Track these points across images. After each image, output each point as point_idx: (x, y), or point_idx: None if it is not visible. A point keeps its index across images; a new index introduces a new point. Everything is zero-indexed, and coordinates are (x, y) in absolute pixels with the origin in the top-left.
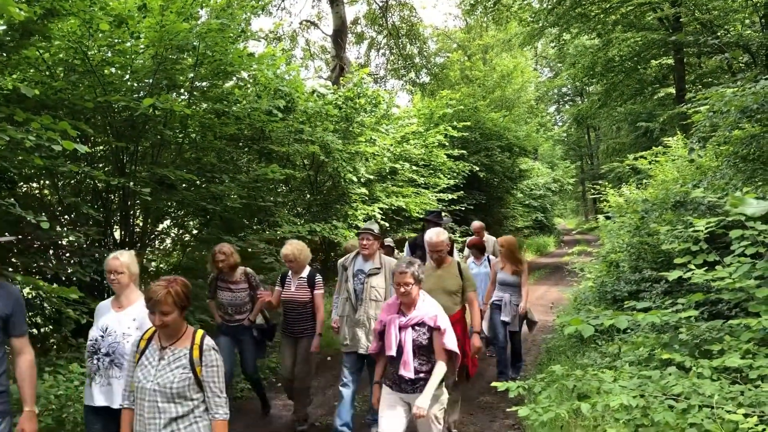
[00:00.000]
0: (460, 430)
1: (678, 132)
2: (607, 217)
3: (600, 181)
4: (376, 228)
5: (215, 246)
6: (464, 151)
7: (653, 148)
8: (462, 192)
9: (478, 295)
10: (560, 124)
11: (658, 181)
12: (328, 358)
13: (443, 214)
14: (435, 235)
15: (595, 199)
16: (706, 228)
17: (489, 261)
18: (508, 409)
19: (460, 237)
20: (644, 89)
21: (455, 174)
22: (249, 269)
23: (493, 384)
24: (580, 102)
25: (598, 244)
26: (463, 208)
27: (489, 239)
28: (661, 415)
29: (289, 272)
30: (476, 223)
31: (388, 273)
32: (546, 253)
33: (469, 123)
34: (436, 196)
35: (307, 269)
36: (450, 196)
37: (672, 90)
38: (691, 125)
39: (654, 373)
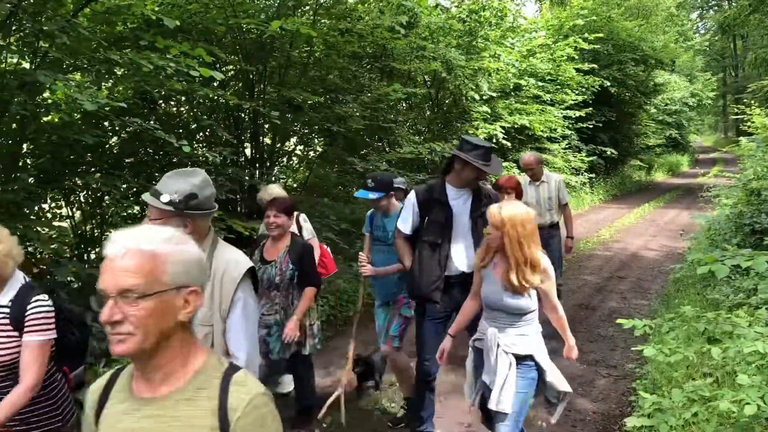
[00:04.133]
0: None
1: None
2: (751, 139)
3: (744, 99)
4: (166, 195)
5: None
6: (595, 65)
7: None
8: (590, 108)
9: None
10: (702, 32)
11: None
12: None
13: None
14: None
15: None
16: None
17: None
18: (633, 348)
19: (586, 159)
20: None
21: (584, 89)
22: None
23: (619, 321)
24: (726, 7)
25: (737, 168)
26: (591, 126)
27: (550, 177)
28: None
29: None
30: (527, 156)
31: (224, 277)
32: (678, 173)
33: (601, 34)
34: (562, 113)
35: (15, 286)
36: (577, 113)
37: None
38: None
39: None
